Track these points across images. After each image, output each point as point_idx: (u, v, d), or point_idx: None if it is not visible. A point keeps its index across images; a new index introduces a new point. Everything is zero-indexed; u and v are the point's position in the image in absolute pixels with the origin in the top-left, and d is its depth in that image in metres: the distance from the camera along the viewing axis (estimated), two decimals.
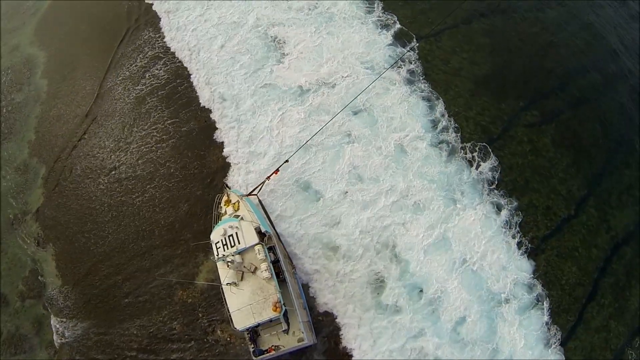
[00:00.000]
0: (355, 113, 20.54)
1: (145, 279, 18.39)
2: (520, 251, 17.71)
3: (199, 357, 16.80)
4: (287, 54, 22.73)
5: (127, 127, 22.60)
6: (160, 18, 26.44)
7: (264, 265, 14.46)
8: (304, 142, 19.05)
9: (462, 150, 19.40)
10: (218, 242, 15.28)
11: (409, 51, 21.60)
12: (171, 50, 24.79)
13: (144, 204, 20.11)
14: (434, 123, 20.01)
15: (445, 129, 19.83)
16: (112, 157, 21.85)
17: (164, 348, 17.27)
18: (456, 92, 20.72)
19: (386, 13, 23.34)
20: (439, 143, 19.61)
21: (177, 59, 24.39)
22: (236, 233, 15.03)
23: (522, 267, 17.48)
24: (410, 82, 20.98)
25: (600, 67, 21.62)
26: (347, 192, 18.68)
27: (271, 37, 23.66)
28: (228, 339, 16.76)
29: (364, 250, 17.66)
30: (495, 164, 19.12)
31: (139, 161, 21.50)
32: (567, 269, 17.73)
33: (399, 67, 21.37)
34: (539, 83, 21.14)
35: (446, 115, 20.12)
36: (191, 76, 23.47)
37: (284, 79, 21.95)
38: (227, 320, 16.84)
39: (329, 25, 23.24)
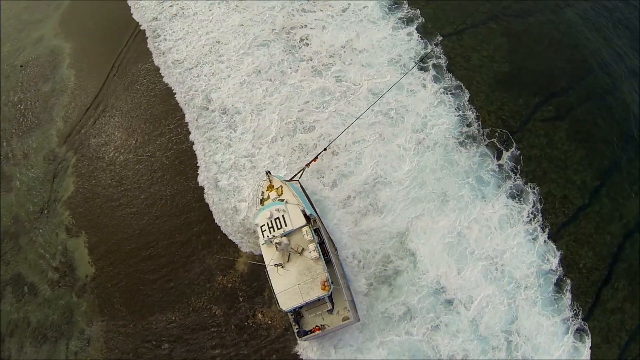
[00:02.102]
0: (380, 109, 21.14)
1: (183, 265, 18.64)
2: (541, 238, 18.53)
3: (240, 340, 17.12)
4: (311, 55, 23.30)
5: (158, 119, 22.90)
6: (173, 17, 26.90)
7: (311, 246, 14.96)
8: (337, 135, 19.74)
9: (484, 142, 20.29)
10: (264, 225, 15.73)
11: (434, 48, 22.66)
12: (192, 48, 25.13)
13: (178, 192, 20.40)
14: (459, 116, 20.89)
15: (468, 123, 20.73)
16: (143, 148, 22.13)
17: (204, 332, 17.53)
18: (477, 88, 21.79)
19: (411, 11, 24.39)
20: (463, 135, 20.47)
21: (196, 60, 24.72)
22: (282, 216, 15.55)
23: (542, 253, 18.29)
24: (435, 78, 21.93)
25: (610, 66, 22.98)
26: (369, 190, 19.09)
27: (293, 38, 24.16)
28: (269, 322, 17.15)
29: (382, 244, 18.12)
30: (516, 156, 20.10)
31: (169, 152, 21.84)
32: (584, 254, 18.72)
33: (424, 64, 22.32)
34: (553, 81, 22.37)
35: (469, 109, 21.08)
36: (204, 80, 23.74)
37: (309, 80, 22.46)
38: (268, 303, 17.40)
39: (353, 24, 24.01)
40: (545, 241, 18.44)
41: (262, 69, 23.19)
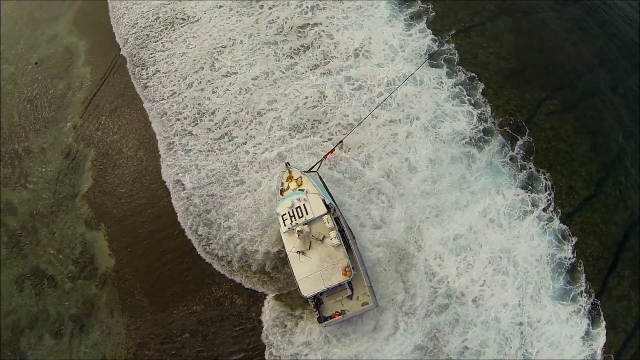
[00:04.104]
0: (394, 105, 21.52)
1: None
2: (550, 228, 19.01)
3: (260, 327, 17.44)
4: (323, 54, 23.50)
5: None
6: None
7: (332, 233, 15.52)
8: (352, 129, 20.27)
9: (495, 135, 20.79)
10: (285, 214, 16.28)
11: (444, 45, 23.20)
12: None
13: None
14: (470, 111, 21.34)
15: (479, 117, 21.19)
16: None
17: (225, 321, 17.95)
18: (485, 84, 22.30)
19: (422, 8, 24.87)
20: (474, 129, 20.86)
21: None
22: (304, 205, 16.12)
23: (552, 243, 18.74)
24: (446, 74, 22.43)
25: (614, 61, 23.71)
26: (382, 184, 19.29)
27: (304, 38, 24.27)
28: (288, 309, 17.41)
29: (393, 239, 18.28)
30: (525, 148, 20.63)
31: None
32: (590, 243, 19.27)
33: (435, 61, 22.80)
34: (558, 76, 23.05)
35: (480, 104, 21.60)
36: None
37: (321, 80, 22.54)
38: (287, 291, 17.85)
39: (365, 22, 24.43)
40: (554, 231, 18.96)
41: (270, 72, 23.16)
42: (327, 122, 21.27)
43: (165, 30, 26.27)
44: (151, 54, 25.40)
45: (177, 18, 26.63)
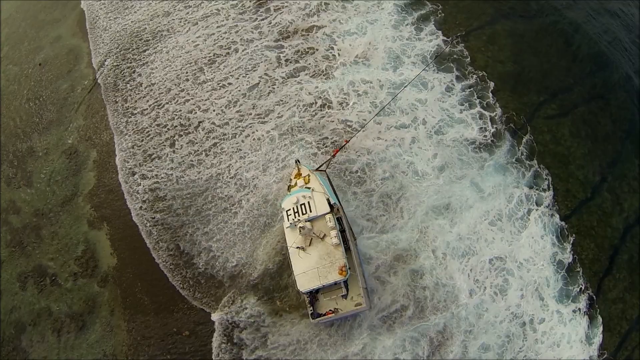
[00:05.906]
0: (399, 110, 21.65)
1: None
2: (547, 230, 19.27)
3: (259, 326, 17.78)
4: (326, 57, 23.51)
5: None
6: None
7: (333, 233, 15.78)
8: (358, 131, 20.42)
9: (492, 139, 20.99)
10: (289, 209, 16.58)
11: (455, 47, 23.38)
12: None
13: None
14: (472, 115, 21.52)
15: (490, 120, 21.41)
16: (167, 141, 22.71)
17: None
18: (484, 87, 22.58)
19: (427, 12, 24.97)
20: (481, 133, 21.02)
21: None
22: (308, 202, 16.42)
23: (550, 246, 18.99)
24: (448, 78, 22.55)
25: (612, 66, 23.92)
26: (388, 188, 19.35)
27: (306, 41, 24.09)
28: (287, 309, 17.80)
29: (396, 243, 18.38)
30: (527, 149, 20.88)
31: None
32: (586, 246, 19.54)
33: (440, 66, 22.91)
34: (556, 80, 23.27)
35: (487, 107, 21.78)
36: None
37: (323, 84, 22.66)
38: (285, 291, 18.10)
39: (369, 25, 24.38)
40: (556, 230, 19.29)
41: (268, 78, 23.14)
42: (323, 127, 21.28)
43: (152, 40, 26.19)
44: (133, 68, 25.14)
45: (165, 29, 26.49)
